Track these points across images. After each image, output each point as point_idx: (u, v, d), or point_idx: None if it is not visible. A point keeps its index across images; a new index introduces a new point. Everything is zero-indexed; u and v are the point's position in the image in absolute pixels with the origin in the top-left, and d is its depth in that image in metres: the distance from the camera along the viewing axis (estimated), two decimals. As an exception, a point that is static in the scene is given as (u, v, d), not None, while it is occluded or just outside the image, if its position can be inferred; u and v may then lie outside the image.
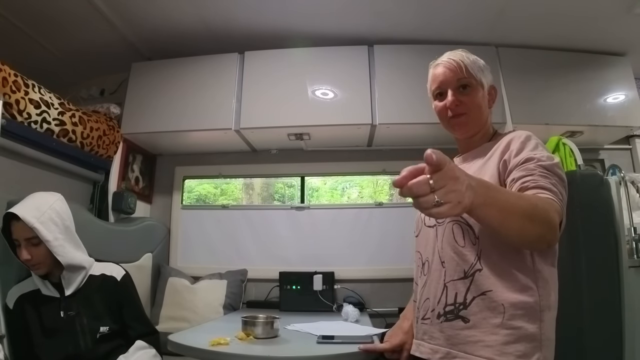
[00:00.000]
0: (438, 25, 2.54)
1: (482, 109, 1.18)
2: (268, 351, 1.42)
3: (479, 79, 1.17)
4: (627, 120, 2.60)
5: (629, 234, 1.52)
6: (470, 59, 1.19)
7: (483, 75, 1.18)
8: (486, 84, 1.19)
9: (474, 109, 1.17)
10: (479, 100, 1.17)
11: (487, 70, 1.21)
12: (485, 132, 1.23)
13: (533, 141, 1.06)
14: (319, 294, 2.52)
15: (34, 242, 1.50)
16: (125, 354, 1.57)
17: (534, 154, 1.00)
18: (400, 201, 3.01)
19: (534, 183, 0.94)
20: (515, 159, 1.02)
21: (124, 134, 2.68)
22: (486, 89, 1.19)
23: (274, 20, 2.54)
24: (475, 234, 1.04)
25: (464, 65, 1.17)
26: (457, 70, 1.17)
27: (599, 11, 2.35)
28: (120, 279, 1.71)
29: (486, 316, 0.98)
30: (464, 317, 1.01)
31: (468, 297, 1.01)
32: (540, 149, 1.04)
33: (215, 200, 3.17)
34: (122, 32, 2.62)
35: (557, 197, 0.92)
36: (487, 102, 1.20)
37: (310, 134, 2.67)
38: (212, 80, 2.66)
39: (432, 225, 1.15)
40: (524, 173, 0.97)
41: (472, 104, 1.16)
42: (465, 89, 1.17)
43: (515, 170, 1.00)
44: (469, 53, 1.22)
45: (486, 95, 1.20)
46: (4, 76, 1.82)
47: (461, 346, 1.00)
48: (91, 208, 2.56)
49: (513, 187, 0.97)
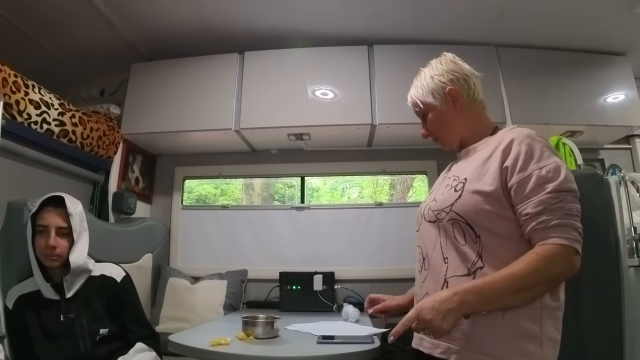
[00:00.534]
0: (438, 25, 2.54)
1: (446, 124, 1.25)
2: (268, 351, 1.42)
3: (428, 103, 1.25)
4: (627, 120, 2.59)
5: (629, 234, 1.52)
6: (415, 89, 1.29)
7: (431, 94, 1.24)
8: (437, 99, 1.23)
9: (441, 130, 1.26)
10: (438, 121, 1.25)
11: (437, 82, 1.24)
12: (477, 130, 1.24)
13: (538, 147, 1.05)
14: (319, 294, 2.52)
15: (64, 231, 1.56)
16: (124, 356, 1.57)
17: (541, 170, 1.01)
18: (400, 201, 3.01)
19: (545, 225, 0.97)
20: (520, 175, 1.03)
21: (124, 134, 2.68)
22: (440, 102, 1.23)
23: (273, 20, 2.54)
24: (476, 233, 1.05)
25: (412, 100, 1.30)
26: (414, 106, 1.31)
27: (599, 11, 2.35)
28: (120, 280, 1.71)
29: (489, 312, 0.99)
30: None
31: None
32: (546, 155, 1.04)
33: (216, 201, 3.17)
34: (122, 33, 2.62)
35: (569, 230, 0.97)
36: (452, 110, 1.23)
37: (310, 134, 2.67)
38: (212, 80, 2.66)
39: (433, 221, 1.16)
40: (536, 210, 0.99)
41: (436, 127, 1.27)
42: (425, 117, 1.28)
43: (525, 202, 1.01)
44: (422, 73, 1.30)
45: (444, 106, 1.23)
46: (4, 77, 1.82)
47: (460, 341, 1.01)
48: (91, 208, 2.56)
49: (528, 225, 1.00)
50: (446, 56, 1.30)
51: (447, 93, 1.22)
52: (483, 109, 1.26)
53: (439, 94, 1.23)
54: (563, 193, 0.99)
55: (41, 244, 1.53)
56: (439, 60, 1.29)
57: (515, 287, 0.95)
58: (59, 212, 1.57)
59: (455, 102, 1.22)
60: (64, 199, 1.60)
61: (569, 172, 1.03)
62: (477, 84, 1.25)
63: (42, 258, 1.55)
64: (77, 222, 1.59)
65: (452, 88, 1.22)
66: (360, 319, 2.13)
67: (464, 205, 1.07)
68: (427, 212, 1.19)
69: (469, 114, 1.23)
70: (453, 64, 1.27)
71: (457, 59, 1.29)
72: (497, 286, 0.96)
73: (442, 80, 1.23)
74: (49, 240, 1.53)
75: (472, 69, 1.28)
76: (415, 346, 1.14)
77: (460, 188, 1.10)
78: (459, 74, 1.24)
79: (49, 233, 1.54)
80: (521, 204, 1.02)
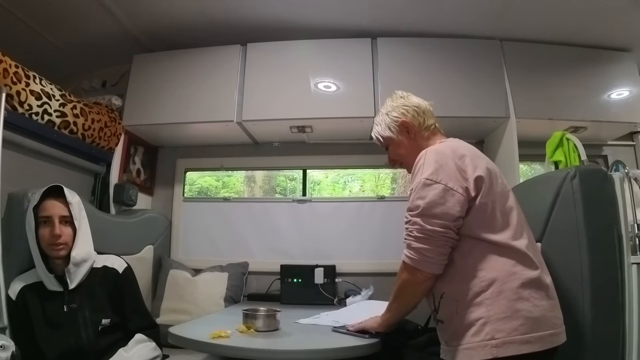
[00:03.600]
0: (442, 18, 2.51)
1: (405, 152, 1.44)
2: (269, 344, 1.43)
3: (386, 137, 1.48)
4: (631, 117, 2.57)
5: (632, 231, 1.51)
6: (377, 125, 1.51)
7: (388, 129, 1.46)
8: (394, 131, 1.45)
9: (401, 158, 1.47)
10: (397, 150, 1.47)
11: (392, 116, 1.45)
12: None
13: (416, 168, 1.27)
14: (320, 287, 2.53)
15: (66, 219, 1.60)
16: (125, 347, 1.58)
17: (410, 191, 1.26)
18: (402, 195, 3.01)
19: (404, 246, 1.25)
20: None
21: (125, 125, 2.67)
22: (396, 134, 1.44)
23: (276, 12, 2.52)
24: None
25: (375, 138, 1.54)
26: (377, 141, 1.54)
27: (605, 6, 2.33)
28: (121, 271, 1.72)
29: (448, 312, 1.20)
30: (439, 319, 1.24)
31: (436, 302, 1.25)
32: (419, 174, 1.24)
33: (217, 193, 3.17)
34: (123, 24, 2.60)
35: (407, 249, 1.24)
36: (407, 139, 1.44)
37: (313, 126, 2.66)
38: (214, 72, 2.64)
39: None
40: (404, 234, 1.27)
41: (396, 155, 1.49)
42: (387, 149, 1.51)
43: None
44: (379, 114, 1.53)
45: (400, 137, 1.44)
46: (5, 67, 1.81)
47: (449, 341, 1.20)
48: (92, 200, 2.56)
49: None
50: (396, 94, 1.52)
51: (400, 125, 1.43)
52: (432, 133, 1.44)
53: (394, 127, 1.44)
54: (408, 213, 1.24)
55: (45, 234, 1.55)
56: (391, 99, 1.51)
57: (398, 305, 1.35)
58: (60, 201, 1.61)
59: (409, 131, 1.43)
60: (63, 189, 1.63)
61: (424, 187, 1.20)
62: (425, 113, 1.45)
63: (47, 249, 1.56)
64: (77, 210, 1.64)
65: (403, 120, 1.43)
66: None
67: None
68: None
69: (420, 140, 1.42)
70: (402, 99, 1.48)
71: (405, 94, 1.51)
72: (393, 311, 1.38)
73: (395, 115, 1.44)
74: (53, 229, 1.55)
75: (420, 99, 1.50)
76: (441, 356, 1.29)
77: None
78: (408, 107, 1.45)
79: (52, 223, 1.56)
80: None
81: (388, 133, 1.45)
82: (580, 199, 1.42)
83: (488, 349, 1.06)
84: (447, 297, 1.20)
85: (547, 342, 1.07)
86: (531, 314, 1.08)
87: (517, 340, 1.05)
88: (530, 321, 1.07)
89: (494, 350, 1.06)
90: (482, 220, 1.18)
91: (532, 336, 1.06)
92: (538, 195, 1.58)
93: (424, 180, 1.20)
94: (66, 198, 1.61)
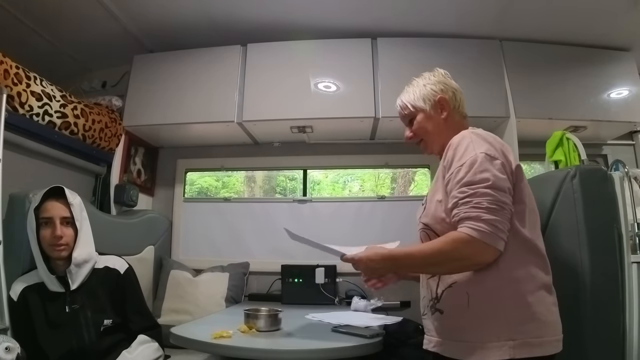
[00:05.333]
0: (442, 18, 2.52)
1: (432, 129, 1.35)
2: (270, 344, 1.43)
3: (418, 107, 1.36)
4: (631, 116, 2.57)
5: (632, 230, 1.52)
6: (407, 94, 1.40)
7: (422, 99, 1.35)
8: (427, 104, 1.34)
9: (426, 134, 1.37)
10: (425, 124, 1.36)
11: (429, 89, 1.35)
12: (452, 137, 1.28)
13: (463, 144, 1.16)
14: (321, 287, 2.53)
15: (67, 221, 1.60)
16: (128, 349, 1.58)
17: (460, 167, 1.12)
18: (402, 195, 3.01)
19: (457, 217, 1.08)
20: (447, 175, 1.16)
21: (125, 126, 2.68)
22: (430, 108, 1.34)
23: (276, 12, 2.52)
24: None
25: (403, 103, 1.40)
26: (401, 110, 1.42)
27: (604, 6, 2.33)
28: (123, 272, 1.73)
29: (455, 304, 1.13)
30: (439, 309, 1.18)
31: (439, 292, 1.18)
32: (470, 150, 1.13)
33: (217, 193, 3.17)
34: (124, 24, 2.60)
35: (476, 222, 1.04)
36: (437, 116, 1.34)
37: (313, 126, 2.66)
38: (215, 72, 2.65)
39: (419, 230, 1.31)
40: (451, 204, 1.11)
41: (421, 131, 1.37)
42: (412, 122, 1.39)
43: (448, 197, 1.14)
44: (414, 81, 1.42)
45: (432, 112, 1.34)
46: (6, 68, 1.81)
47: (445, 334, 1.16)
48: (93, 201, 2.57)
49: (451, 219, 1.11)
50: (438, 71, 1.42)
51: (437, 100, 1.33)
52: (464, 119, 1.37)
53: (430, 100, 1.34)
54: (472, 185, 1.07)
55: (47, 235, 1.56)
56: (432, 73, 1.41)
57: (424, 262, 1.15)
58: (61, 202, 1.61)
59: (442, 110, 1.34)
60: (63, 189, 1.63)
61: (487, 161, 1.10)
62: (461, 99, 1.38)
63: (48, 250, 1.56)
64: (78, 211, 1.64)
65: (442, 97, 1.34)
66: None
67: (427, 215, 1.23)
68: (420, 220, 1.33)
69: (451, 123, 1.33)
70: (443, 77, 1.39)
71: (446, 73, 1.42)
72: (412, 259, 1.17)
73: (434, 89, 1.35)
74: (55, 230, 1.55)
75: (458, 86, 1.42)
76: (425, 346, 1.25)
77: (424, 201, 1.30)
78: (448, 86, 1.36)
79: (54, 224, 1.57)
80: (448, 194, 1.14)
81: (421, 104, 1.35)
82: (580, 198, 1.43)
83: (506, 349, 1.03)
84: (457, 288, 1.13)
85: (554, 347, 1.07)
86: (545, 317, 1.07)
87: (533, 343, 1.04)
88: (543, 325, 1.06)
89: (511, 351, 1.03)
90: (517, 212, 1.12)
91: (544, 340, 1.05)
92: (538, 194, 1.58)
93: (483, 155, 1.10)
94: (67, 199, 1.62)
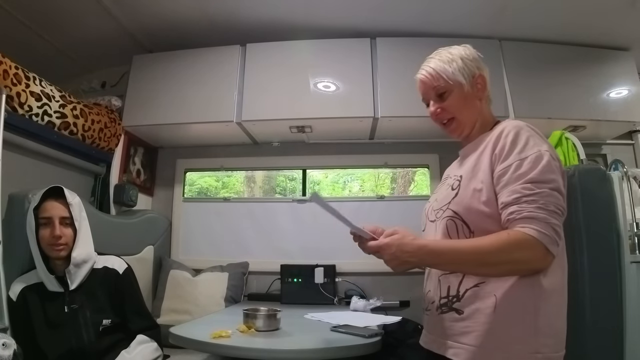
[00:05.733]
0: (441, 18, 2.52)
1: (467, 107, 1.19)
2: (269, 344, 1.43)
3: (455, 80, 1.17)
4: (630, 116, 2.57)
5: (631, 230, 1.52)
6: (441, 63, 1.20)
7: (460, 73, 1.18)
8: (466, 80, 1.17)
9: (458, 111, 1.19)
10: (460, 101, 1.18)
11: (468, 63, 1.19)
12: (483, 123, 1.21)
13: (524, 136, 1.04)
14: (320, 287, 2.53)
15: (67, 221, 1.61)
16: (127, 349, 1.58)
17: (522, 160, 1.00)
18: (401, 194, 3.01)
19: (519, 215, 0.96)
20: (502, 165, 1.03)
21: (125, 126, 2.68)
22: (468, 84, 1.18)
23: (275, 12, 2.52)
24: (470, 229, 1.05)
25: (435, 73, 1.19)
26: (430, 80, 1.20)
27: (603, 5, 2.33)
28: (122, 272, 1.73)
29: (479, 307, 1.00)
30: (457, 309, 1.04)
31: (461, 290, 1.04)
32: (531, 144, 1.02)
33: (217, 193, 3.17)
34: (123, 25, 2.60)
35: (541, 224, 0.94)
36: (474, 95, 1.19)
37: (312, 126, 2.66)
38: (214, 72, 2.65)
39: (433, 220, 1.17)
40: (511, 199, 0.98)
41: (454, 108, 1.19)
42: (442, 96, 1.19)
43: (503, 189, 1.01)
44: (445, 52, 1.23)
45: (470, 89, 1.18)
46: (5, 69, 1.81)
47: (456, 337, 1.02)
48: (92, 201, 2.56)
49: (502, 215, 1.00)
50: (471, 48, 1.26)
51: (477, 77, 1.19)
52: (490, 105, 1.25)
53: (469, 76, 1.18)
54: (540, 184, 0.97)
55: (46, 235, 1.56)
56: (463, 47, 1.25)
57: (476, 261, 1.00)
58: (60, 202, 1.62)
59: (479, 89, 1.20)
60: (63, 190, 1.63)
61: (554, 162, 1.01)
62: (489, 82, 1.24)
63: (47, 250, 1.56)
64: (77, 211, 1.65)
65: (482, 75, 1.20)
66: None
67: (459, 202, 1.08)
68: (430, 213, 1.20)
69: (485, 106, 1.22)
70: (478, 56, 1.24)
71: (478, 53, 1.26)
72: (460, 255, 1.01)
73: (472, 66, 1.20)
74: (54, 230, 1.56)
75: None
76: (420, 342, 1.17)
77: (456, 186, 1.12)
78: (482, 66, 1.23)
79: (53, 224, 1.57)
80: (499, 193, 1.02)
81: (459, 77, 1.17)
82: (580, 198, 1.43)
83: None
84: (484, 289, 1.00)
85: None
86: (563, 333, 1.01)
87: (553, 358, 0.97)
88: (561, 340, 1.00)
89: None
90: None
91: (559, 355, 0.99)
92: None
93: (549, 154, 1.01)
94: (66, 199, 1.62)
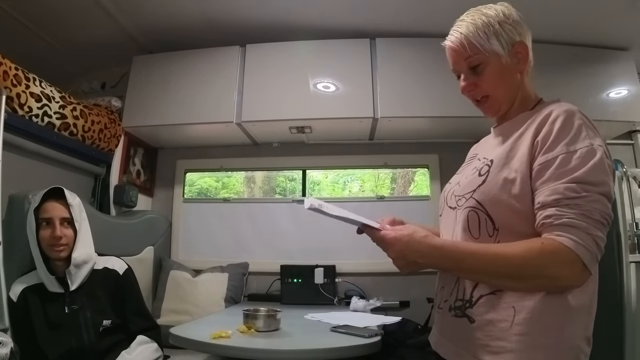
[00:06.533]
0: (440, 18, 2.48)
1: (505, 82, 1.01)
2: (269, 344, 1.43)
3: (491, 50, 0.98)
4: (630, 116, 2.57)
5: (630, 230, 1.52)
6: (474, 28, 1.01)
7: (498, 41, 0.98)
8: (505, 49, 0.99)
9: (494, 88, 1.01)
10: (497, 76, 1.00)
11: (507, 28, 1.00)
12: (523, 100, 1.04)
13: (575, 124, 0.87)
14: (320, 287, 2.53)
15: (67, 221, 1.61)
16: (127, 350, 1.59)
17: (569, 154, 0.84)
18: (401, 195, 3.01)
19: (558, 220, 0.80)
20: (545, 156, 0.86)
21: (125, 127, 2.68)
22: (506, 54, 0.99)
23: (275, 12, 2.52)
24: (495, 226, 0.90)
25: (467, 41, 1.00)
26: (461, 50, 1.01)
27: (603, 5, 2.32)
28: (122, 272, 1.73)
29: (493, 319, 0.86)
30: (469, 316, 0.90)
31: (475, 295, 0.90)
32: (583, 136, 0.86)
33: (217, 194, 3.17)
34: (123, 25, 2.60)
35: (581, 234, 0.79)
36: (514, 68, 1.01)
37: (312, 127, 2.66)
38: (214, 73, 2.65)
39: (453, 207, 1.02)
40: (550, 199, 0.82)
41: (489, 84, 1.01)
42: (476, 69, 1.01)
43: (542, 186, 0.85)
44: (479, 14, 1.04)
45: (509, 60, 0.99)
46: (5, 70, 1.81)
47: (468, 346, 0.90)
48: (92, 201, 2.56)
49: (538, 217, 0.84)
50: (510, 7, 1.06)
51: (517, 45, 1.00)
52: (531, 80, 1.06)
53: (508, 44, 0.99)
54: (587, 186, 0.81)
55: (46, 235, 1.56)
56: (505, 6, 1.05)
57: (501, 273, 0.84)
58: (61, 203, 1.62)
59: (520, 60, 1.01)
60: (63, 190, 1.64)
61: (607, 160, 0.84)
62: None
63: (48, 250, 1.57)
64: (77, 212, 1.65)
65: (524, 42, 1.01)
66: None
67: (485, 191, 0.91)
68: (449, 197, 1.05)
69: (526, 81, 1.04)
70: (520, 19, 1.03)
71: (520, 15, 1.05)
72: (483, 264, 0.86)
73: (513, 32, 1.00)
74: (54, 231, 1.56)
75: None
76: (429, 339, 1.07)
77: (485, 172, 0.94)
78: (524, 31, 1.03)
79: (53, 224, 1.57)
80: (537, 190, 0.85)
81: (498, 48, 0.98)
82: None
83: None
84: (501, 298, 0.86)
85: None
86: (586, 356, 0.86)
87: None
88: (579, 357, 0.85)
89: None
90: None
91: None
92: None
93: (603, 150, 0.85)
94: (67, 200, 1.62)
